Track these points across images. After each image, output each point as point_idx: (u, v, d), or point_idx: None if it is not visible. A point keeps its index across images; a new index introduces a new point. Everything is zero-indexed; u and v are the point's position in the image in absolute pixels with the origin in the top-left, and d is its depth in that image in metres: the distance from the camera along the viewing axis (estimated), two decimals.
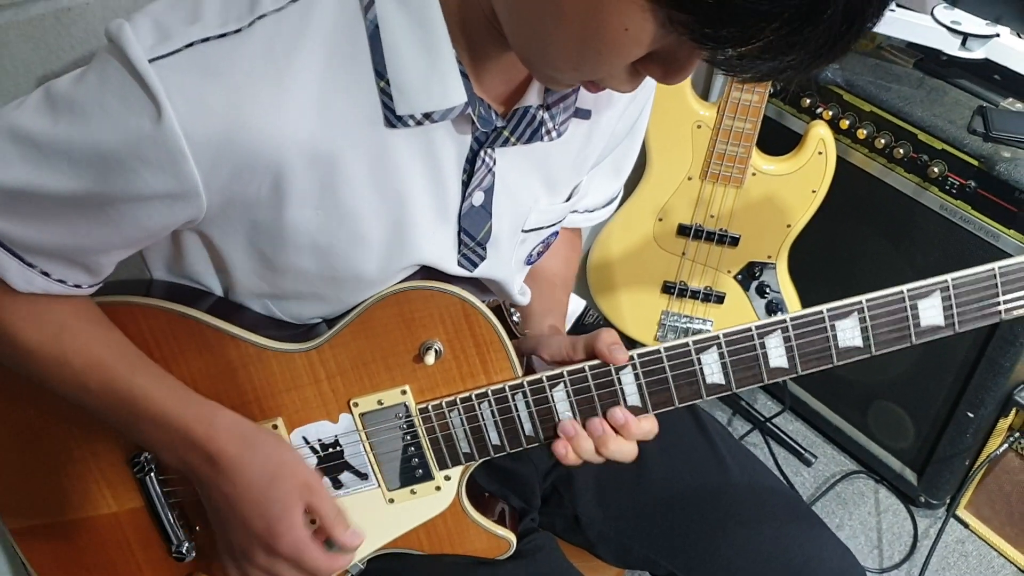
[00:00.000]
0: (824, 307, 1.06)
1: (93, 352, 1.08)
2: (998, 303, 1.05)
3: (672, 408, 1.13)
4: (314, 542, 1.09)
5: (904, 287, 1.04)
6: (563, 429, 1.14)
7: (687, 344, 1.08)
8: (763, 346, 1.08)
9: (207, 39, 0.88)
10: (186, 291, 1.17)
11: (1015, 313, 1.05)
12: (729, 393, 1.10)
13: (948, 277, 1.04)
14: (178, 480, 1.22)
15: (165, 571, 1.30)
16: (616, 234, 2.33)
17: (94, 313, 1.11)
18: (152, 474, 1.21)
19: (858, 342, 1.07)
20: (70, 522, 1.27)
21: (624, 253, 2.35)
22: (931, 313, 1.05)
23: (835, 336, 1.07)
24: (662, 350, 1.09)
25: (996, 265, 1.03)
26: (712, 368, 1.09)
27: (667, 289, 2.37)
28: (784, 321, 1.07)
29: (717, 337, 1.08)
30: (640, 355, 1.10)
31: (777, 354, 1.08)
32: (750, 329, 1.07)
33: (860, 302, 1.05)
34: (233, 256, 1.07)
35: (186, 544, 1.26)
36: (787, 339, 1.07)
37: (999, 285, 1.04)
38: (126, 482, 1.24)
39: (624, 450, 1.15)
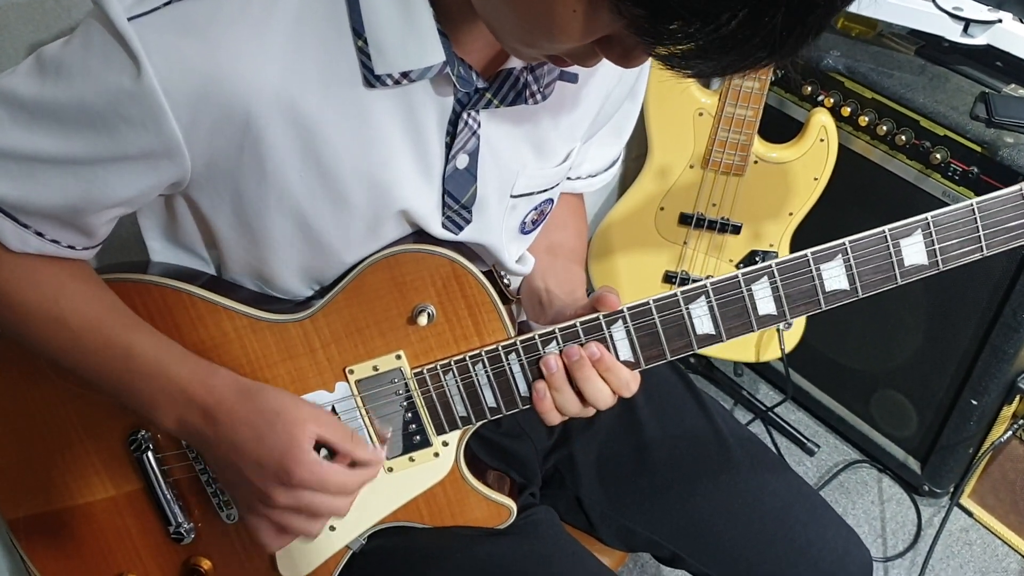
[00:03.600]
0: (808, 251, 1.07)
1: (91, 312, 1.08)
2: (979, 238, 1.06)
3: (665, 361, 1.13)
4: (333, 463, 1.08)
5: (886, 227, 1.06)
6: (545, 363, 1.13)
7: (675, 294, 1.09)
8: (750, 292, 1.08)
9: None
10: (181, 271, 1.18)
11: (996, 248, 1.06)
12: (721, 343, 1.10)
13: (928, 215, 1.05)
14: (176, 457, 1.22)
15: (163, 556, 1.29)
16: (617, 223, 2.33)
17: (90, 275, 1.12)
18: (150, 452, 1.21)
19: (844, 284, 1.08)
20: (67, 509, 1.27)
21: (625, 242, 2.35)
22: (914, 251, 1.06)
23: (820, 278, 1.08)
24: (651, 302, 1.09)
25: (974, 200, 1.05)
26: (702, 318, 1.10)
27: (668, 278, 2.37)
28: (770, 267, 1.07)
29: (704, 286, 1.08)
30: (630, 308, 1.10)
31: (765, 300, 1.09)
32: (736, 276, 1.08)
33: (843, 243, 1.06)
34: (222, 230, 1.08)
35: (185, 525, 1.25)
36: (774, 284, 1.08)
37: (978, 220, 1.05)
38: (123, 464, 1.24)
39: (597, 385, 1.13)
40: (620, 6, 0.75)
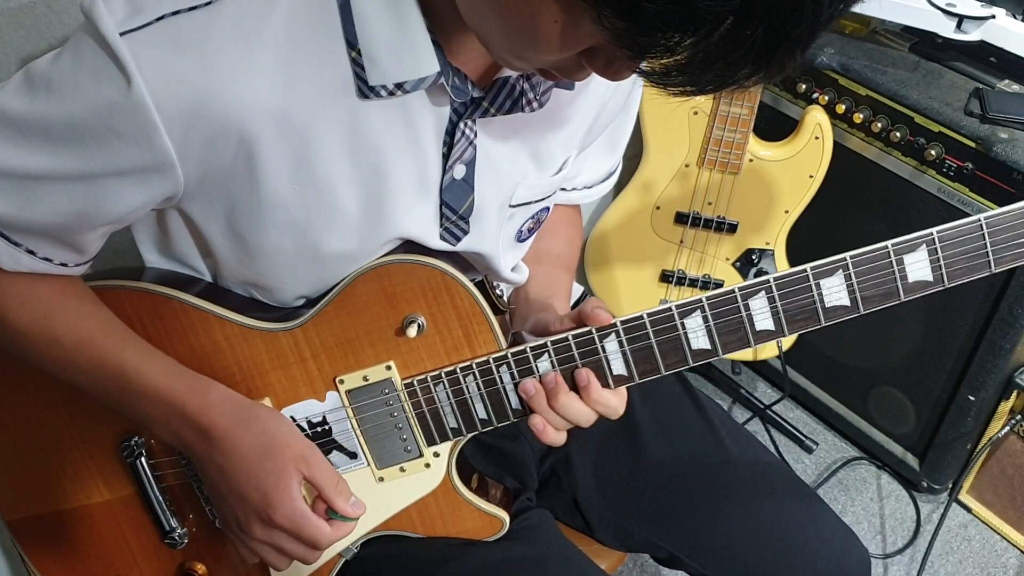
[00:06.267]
0: (808, 265, 1.04)
1: (83, 329, 1.08)
2: (986, 254, 1.02)
3: (659, 376, 1.11)
4: (313, 513, 1.08)
5: (888, 242, 1.02)
6: (523, 388, 1.12)
7: (670, 309, 1.07)
8: (747, 308, 1.06)
9: (178, 12, 0.89)
10: (175, 277, 1.17)
11: (1005, 265, 1.02)
12: (717, 358, 1.09)
13: (934, 230, 1.01)
14: (168, 464, 1.22)
15: (159, 560, 1.29)
16: (613, 223, 2.33)
17: (83, 291, 1.11)
18: (142, 458, 1.21)
19: (845, 300, 1.05)
20: (64, 512, 1.27)
21: (621, 242, 2.34)
22: (918, 267, 1.03)
23: (821, 295, 1.05)
24: (645, 316, 1.08)
25: (982, 216, 1.01)
26: (697, 333, 1.08)
27: (665, 278, 2.36)
28: (767, 281, 1.04)
29: (700, 301, 1.06)
30: (623, 322, 1.09)
31: (762, 316, 1.06)
32: (733, 291, 1.06)
33: (844, 259, 1.03)
34: (214, 241, 1.08)
35: (179, 530, 1.25)
36: (771, 300, 1.05)
37: (986, 236, 1.01)
38: (117, 469, 1.24)
39: (575, 407, 1.12)
40: (602, 18, 0.74)
